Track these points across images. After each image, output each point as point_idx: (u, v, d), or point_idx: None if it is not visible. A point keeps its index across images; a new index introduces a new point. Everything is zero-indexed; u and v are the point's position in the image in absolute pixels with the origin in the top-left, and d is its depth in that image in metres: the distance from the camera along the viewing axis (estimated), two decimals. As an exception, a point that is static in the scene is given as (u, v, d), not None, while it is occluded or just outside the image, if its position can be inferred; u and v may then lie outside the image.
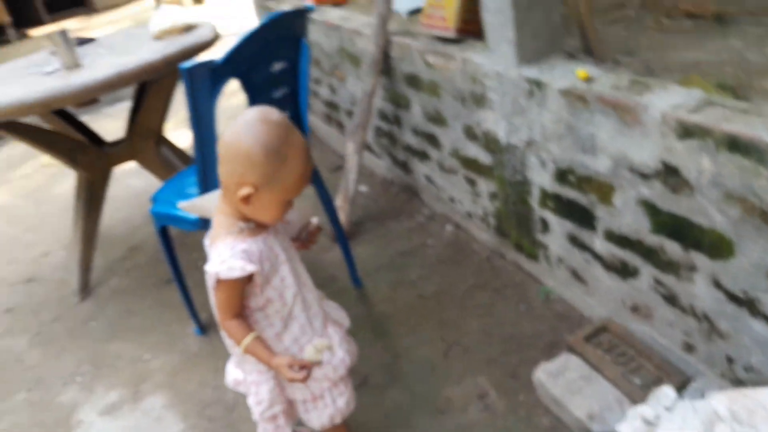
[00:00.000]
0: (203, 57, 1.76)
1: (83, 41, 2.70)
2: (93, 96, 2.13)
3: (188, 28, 2.45)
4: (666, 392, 1.18)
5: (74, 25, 7.16)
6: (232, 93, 3.73)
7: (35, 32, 7.05)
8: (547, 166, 1.71)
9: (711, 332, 1.39)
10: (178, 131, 3.83)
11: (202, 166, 1.71)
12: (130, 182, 3.38)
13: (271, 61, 1.76)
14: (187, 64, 1.52)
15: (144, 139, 2.55)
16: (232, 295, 1.16)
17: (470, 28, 2.03)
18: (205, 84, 1.55)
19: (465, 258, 2.22)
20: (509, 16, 1.65)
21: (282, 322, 1.24)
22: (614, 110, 1.42)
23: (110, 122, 4.27)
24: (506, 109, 1.79)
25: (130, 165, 2.70)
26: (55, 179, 3.78)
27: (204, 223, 1.82)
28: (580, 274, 1.76)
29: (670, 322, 1.49)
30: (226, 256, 1.12)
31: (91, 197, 2.51)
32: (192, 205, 1.48)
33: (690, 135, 1.25)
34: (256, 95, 1.71)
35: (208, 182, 1.73)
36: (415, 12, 2.61)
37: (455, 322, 1.92)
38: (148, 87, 2.53)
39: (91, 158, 2.49)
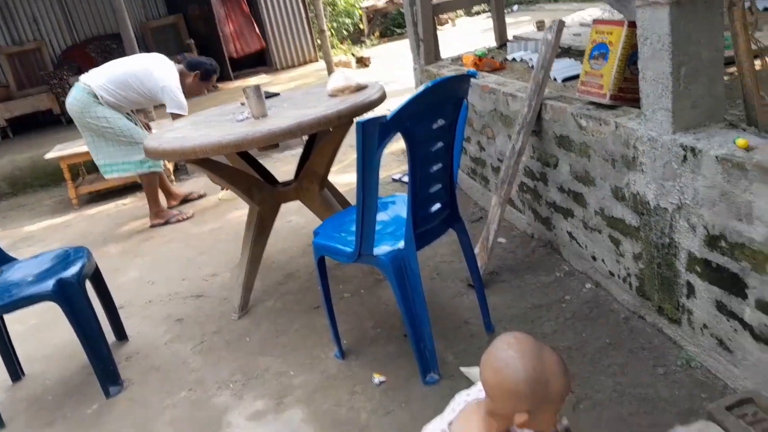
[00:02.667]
0: (372, 114, 1.99)
1: (270, 95, 3.13)
2: (275, 141, 2.47)
3: (360, 88, 2.75)
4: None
5: (256, 81, 8.15)
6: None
7: (224, 86, 8.12)
8: (698, 230, 1.71)
9: None
10: (338, 176, 4.20)
11: (362, 206, 1.90)
12: (292, 218, 3.75)
13: (434, 119, 1.93)
14: (362, 119, 1.74)
15: (310, 182, 2.86)
16: None
17: (625, 95, 2.11)
18: (374, 136, 1.75)
19: (602, 317, 2.21)
20: (667, 87, 1.71)
21: None
22: (773, 179, 1.41)
23: (280, 166, 4.79)
24: (657, 173, 1.82)
25: (294, 203, 3.03)
26: (227, 212, 4.28)
27: (358, 257, 2.02)
28: (726, 344, 1.70)
29: (829, 403, 1.39)
30: None
31: (260, 228, 2.85)
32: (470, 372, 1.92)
33: None
34: (415, 148, 1.89)
35: (365, 222, 1.93)
36: (570, 79, 2.72)
37: (586, 378, 1.92)
38: (319, 136, 2.86)
39: (265, 195, 2.84)
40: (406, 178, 4.03)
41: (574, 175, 2.32)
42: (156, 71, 3.92)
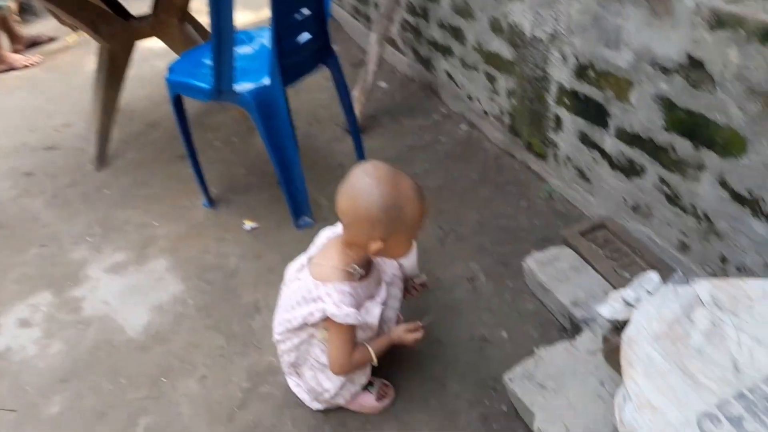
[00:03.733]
0: None
1: None
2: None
3: None
4: (650, 277, 1.18)
5: None
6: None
7: None
8: (569, 61, 1.66)
9: (708, 232, 1.37)
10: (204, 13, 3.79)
11: (217, 38, 1.68)
12: (155, 63, 3.39)
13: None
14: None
15: (169, 15, 2.52)
16: (349, 336, 1.22)
17: None
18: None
19: (473, 156, 2.21)
20: None
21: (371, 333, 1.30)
22: (647, 0, 1.35)
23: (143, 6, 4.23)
24: (535, 0, 1.73)
25: (156, 45, 2.69)
26: (82, 58, 3.80)
27: (217, 95, 1.82)
28: (586, 174, 1.74)
29: (669, 221, 1.47)
30: (339, 300, 1.17)
31: (113, 69, 2.52)
32: None
33: (722, 25, 1.19)
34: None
35: (222, 50, 1.71)
36: None
37: (453, 213, 1.93)
38: (176, -41, 2.48)
39: (115, 29, 2.48)
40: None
41: (455, 8, 2.19)
42: None
